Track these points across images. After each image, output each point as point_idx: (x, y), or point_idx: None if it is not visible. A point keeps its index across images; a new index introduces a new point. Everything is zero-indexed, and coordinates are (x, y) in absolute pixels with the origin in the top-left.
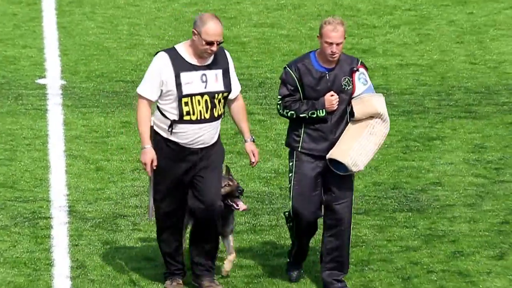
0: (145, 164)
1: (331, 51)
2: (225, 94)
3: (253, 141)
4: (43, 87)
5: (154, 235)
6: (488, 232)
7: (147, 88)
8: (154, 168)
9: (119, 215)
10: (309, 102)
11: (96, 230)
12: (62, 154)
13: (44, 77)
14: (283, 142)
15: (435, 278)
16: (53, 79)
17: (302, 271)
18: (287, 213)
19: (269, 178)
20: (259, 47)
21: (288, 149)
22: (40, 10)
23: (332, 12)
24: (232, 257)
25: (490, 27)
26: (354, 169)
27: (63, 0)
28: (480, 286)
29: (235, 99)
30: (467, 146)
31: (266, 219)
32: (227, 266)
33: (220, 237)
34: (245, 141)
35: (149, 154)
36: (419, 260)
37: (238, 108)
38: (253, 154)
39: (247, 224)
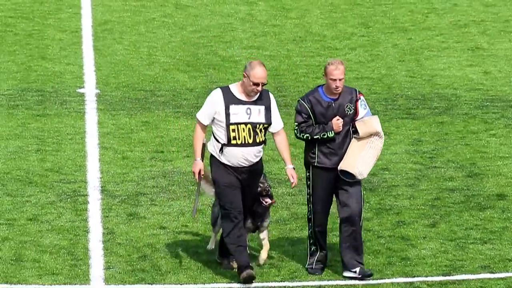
0: (194, 173)
1: (335, 86)
2: (265, 126)
3: (293, 168)
4: (82, 95)
5: (167, 208)
6: (424, 206)
7: (203, 114)
8: (202, 176)
9: (140, 193)
10: (320, 126)
11: (122, 205)
12: (96, 146)
13: (83, 87)
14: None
15: (384, 242)
16: (90, 89)
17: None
18: (309, 215)
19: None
20: None
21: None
22: (81, 36)
23: (304, 38)
24: (267, 248)
25: (425, 49)
26: (360, 177)
27: (98, 28)
28: (418, 247)
29: (278, 133)
30: (408, 140)
31: None
32: (264, 255)
33: (257, 232)
34: (287, 166)
35: (198, 165)
36: (371, 228)
37: (281, 141)
38: (292, 177)
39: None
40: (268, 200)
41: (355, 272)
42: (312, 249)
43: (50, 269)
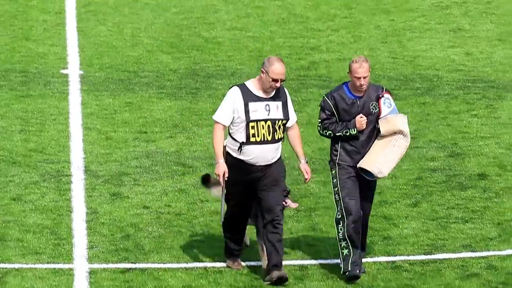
0: (218, 175)
1: (360, 84)
2: (284, 122)
3: (306, 162)
4: (66, 76)
5: (150, 188)
6: (406, 186)
7: (222, 115)
8: (226, 179)
9: (123, 173)
10: (343, 124)
11: (106, 184)
12: (79, 127)
13: (66, 68)
14: None
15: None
16: (73, 70)
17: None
18: (338, 215)
19: None
20: (231, 46)
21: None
22: (64, 17)
23: (287, 19)
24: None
25: (407, 30)
26: (379, 175)
27: (82, 9)
28: (400, 227)
29: (291, 127)
30: None
31: None
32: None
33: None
34: (300, 162)
35: (222, 168)
36: None
37: (294, 135)
38: (306, 172)
39: None
40: (291, 204)
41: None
42: (345, 253)
43: (33, 248)
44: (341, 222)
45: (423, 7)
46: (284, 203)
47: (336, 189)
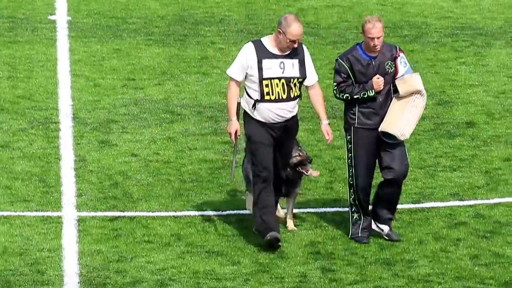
0: (230, 133)
1: (374, 44)
2: (300, 80)
3: (328, 123)
4: (54, 22)
5: (139, 136)
6: None
7: (235, 70)
8: (238, 137)
9: (112, 121)
10: (360, 85)
11: (94, 132)
12: (68, 73)
13: (54, 14)
14: None
15: None
16: (61, 16)
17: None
18: (350, 180)
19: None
20: None
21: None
22: None
23: None
24: (292, 215)
25: None
26: (402, 138)
27: None
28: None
29: (312, 86)
30: None
31: None
32: (291, 224)
33: (285, 198)
34: (322, 122)
35: (234, 125)
36: (341, 156)
37: (316, 94)
38: (328, 133)
39: None
40: (313, 172)
41: (382, 230)
42: (355, 217)
43: (22, 196)
44: (352, 188)
45: None
46: (305, 171)
47: (350, 155)
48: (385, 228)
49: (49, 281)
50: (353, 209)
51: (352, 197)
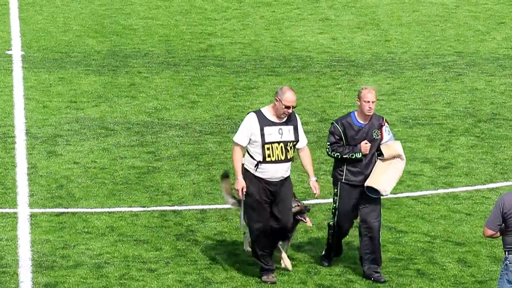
0: (238, 190)
1: (369, 107)
2: (294, 143)
3: (316, 180)
4: (10, 56)
5: (80, 147)
6: None
7: (241, 137)
8: (245, 193)
9: (58, 135)
10: (349, 147)
11: (43, 144)
12: (21, 97)
13: (10, 50)
14: None
15: None
16: (16, 51)
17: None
18: (330, 223)
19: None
20: (144, 32)
21: (332, 180)
22: (8, 8)
23: (189, 10)
24: (286, 255)
25: (285, 20)
26: (383, 193)
27: (22, 2)
28: None
29: (302, 148)
30: (271, 93)
31: None
32: (289, 263)
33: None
34: (310, 179)
35: (241, 183)
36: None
37: (305, 156)
38: (315, 188)
39: None
40: (309, 221)
41: (371, 279)
42: (329, 252)
43: None
44: (332, 229)
45: (298, 1)
46: (303, 219)
47: (335, 205)
48: (373, 277)
49: (7, 265)
50: (328, 247)
51: (331, 236)
